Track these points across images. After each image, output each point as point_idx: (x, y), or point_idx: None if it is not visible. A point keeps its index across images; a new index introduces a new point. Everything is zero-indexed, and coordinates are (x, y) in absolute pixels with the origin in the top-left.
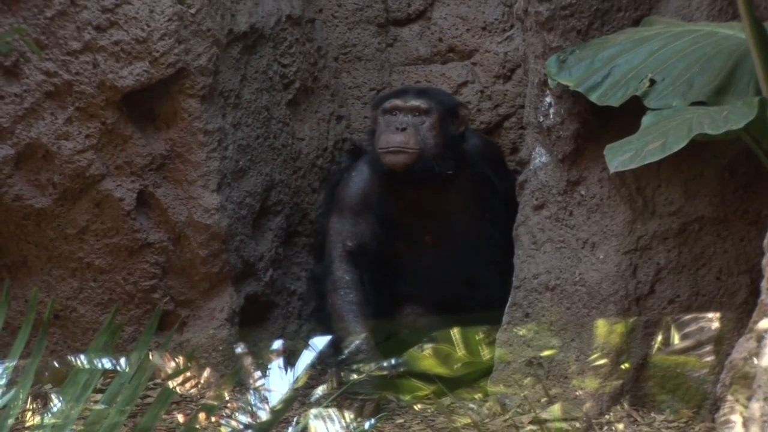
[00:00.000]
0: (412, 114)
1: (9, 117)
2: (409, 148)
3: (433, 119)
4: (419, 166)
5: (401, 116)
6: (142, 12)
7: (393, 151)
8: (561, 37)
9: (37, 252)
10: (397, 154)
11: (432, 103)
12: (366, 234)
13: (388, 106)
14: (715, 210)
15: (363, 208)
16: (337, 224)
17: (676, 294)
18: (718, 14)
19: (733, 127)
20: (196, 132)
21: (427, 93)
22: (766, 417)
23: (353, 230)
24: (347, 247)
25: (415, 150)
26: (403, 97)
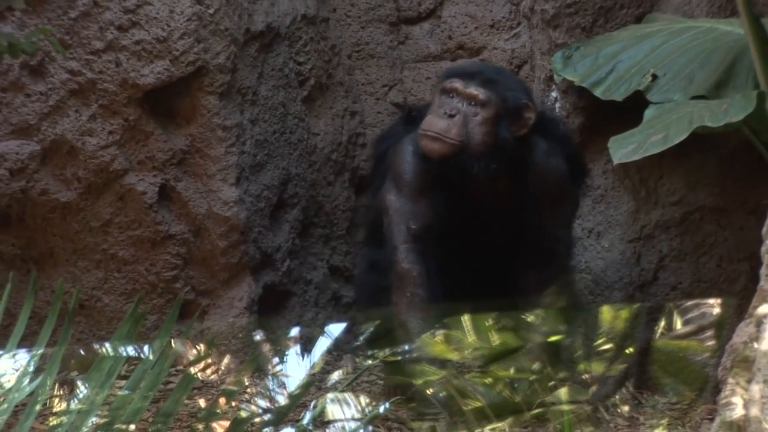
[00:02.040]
0: (468, 102)
1: (35, 114)
2: (448, 137)
3: (487, 114)
4: (456, 160)
5: (456, 101)
6: (163, 12)
7: (430, 137)
8: (566, 34)
9: (62, 244)
10: (434, 141)
11: (493, 96)
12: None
13: (447, 86)
14: (716, 200)
15: (423, 186)
16: (396, 202)
17: (678, 281)
18: (717, 11)
19: (732, 119)
20: (215, 128)
21: (494, 83)
22: (765, 399)
23: (415, 210)
24: (411, 230)
25: (455, 142)
26: (466, 80)
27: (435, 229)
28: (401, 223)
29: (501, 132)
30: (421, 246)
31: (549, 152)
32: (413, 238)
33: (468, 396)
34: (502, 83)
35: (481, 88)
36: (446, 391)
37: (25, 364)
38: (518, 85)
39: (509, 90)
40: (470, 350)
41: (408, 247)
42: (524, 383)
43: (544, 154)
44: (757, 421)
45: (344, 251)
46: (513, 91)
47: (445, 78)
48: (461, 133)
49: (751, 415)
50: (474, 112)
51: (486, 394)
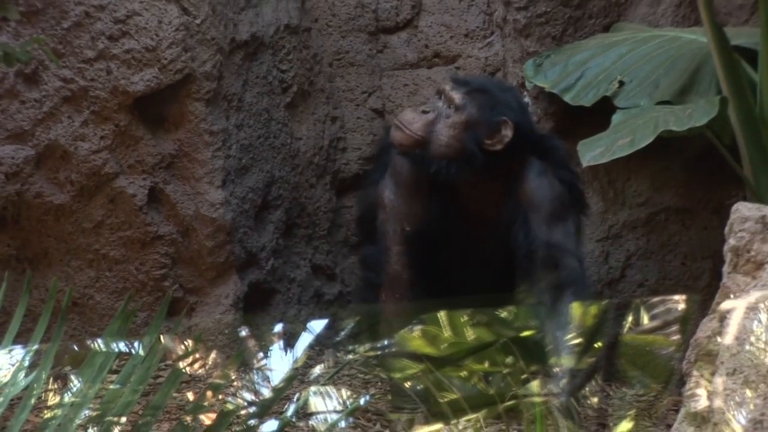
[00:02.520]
0: (447, 104)
1: (29, 120)
2: (409, 130)
3: (458, 118)
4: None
5: (440, 101)
6: (152, 23)
7: (396, 125)
8: (537, 42)
9: (56, 245)
10: (397, 130)
11: (470, 104)
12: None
13: (440, 87)
14: (681, 200)
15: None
16: (393, 201)
17: (644, 278)
18: (681, 20)
19: (696, 124)
20: (202, 133)
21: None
22: (728, 390)
23: (410, 211)
24: (405, 232)
25: (414, 135)
26: (456, 85)
27: (428, 232)
28: (395, 223)
29: (468, 140)
30: (413, 248)
31: (542, 172)
32: (406, 240)
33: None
34: (489, 96)
35: (462, 94)
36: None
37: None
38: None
39: (492, 104)
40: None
41: (400, 249)
42: (498, 376)
43: (536, 173)
44: (721, 412)
45: (326, 251)
46: (498, 106)
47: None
48: (425, 129)
49: (714, 406)
50: (448, 114)
51: (461, 386)
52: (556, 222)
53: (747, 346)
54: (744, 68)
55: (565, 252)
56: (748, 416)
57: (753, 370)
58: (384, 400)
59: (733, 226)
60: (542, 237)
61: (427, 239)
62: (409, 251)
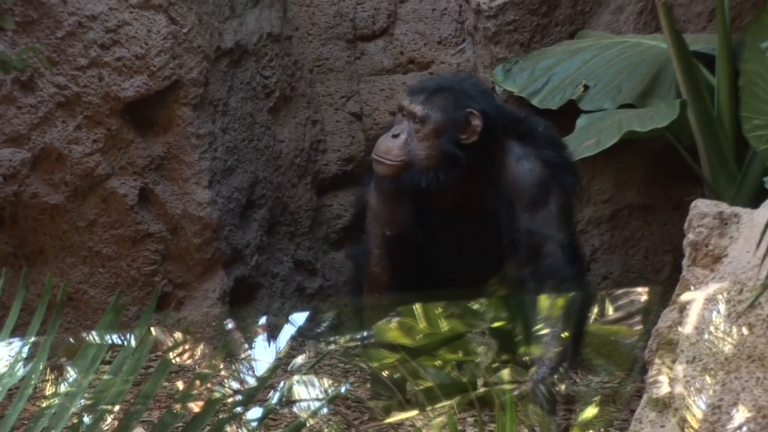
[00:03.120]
0: (411, 119)
1: (26, 125)
2: (389, 159)
3: (427, 129)
4: (405, 178)
5: (401, 119)
6: (141, 32)
7: (376, 160)
8: (506, 49)
9: (52, 242)
10: (379, 165)
11: (431, 111)
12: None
13: (398, 102)
14: (642, 198)
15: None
16: (376, 206)
17: (609, 271)
18: (643, 27)
19: (658, 125)
20: (190, 136)
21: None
22: (688, 377)
23: (391, 217)
24: (386, 236)
25: (396, 163)
26: (411, 97)
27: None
28: (377, 228)
29: (444, 145)
30: (394, 251)
31: (522, 156)
32: (387, 244)
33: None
34: (448, 95)
35: (421, 105)
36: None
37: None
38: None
39: (454, 101)
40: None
41: (381, 252)
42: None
43: (516, 158)
44: (681, 398)
45: (307, 247)
46: (459, 101)
47: (404, 93)
48: (403, 153)
49: (675, 392)
50: (416, 128)
51: (436, 375)
52: (538, 207)
53: (706, 336)
54: (702, 73)
55: (546, 239)
56: (707, 402)
57: (711, 358)
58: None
59: (692, 222)
60: (524, 224)
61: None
62: (389, 254)
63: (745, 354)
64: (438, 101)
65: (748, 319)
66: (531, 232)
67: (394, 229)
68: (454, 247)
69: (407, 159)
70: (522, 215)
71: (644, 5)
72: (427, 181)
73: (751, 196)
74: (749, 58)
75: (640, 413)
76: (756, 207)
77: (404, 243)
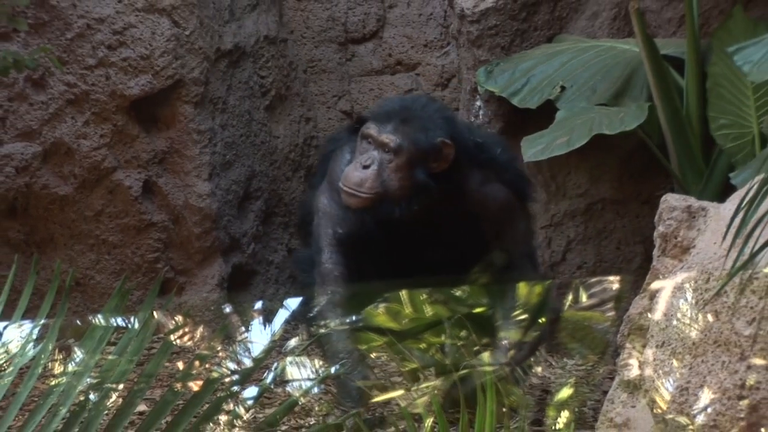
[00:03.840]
0: (382, 149)
1: (37, 121)
2: (362, 192)
3: (400, 160)
4: (377, 209)
5: (371, 148)
6: (146, 34)
7: (347, 192)
8: (488, 52)
9: (61, 231)
10: (351, 197)
11: (405, 141)
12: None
13: (365, 131)
14: (615, 192)
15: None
16: (328, 206)
17: (583, 261)
18: (616, 32)
19: (626, 128)
20: (191, 132)
21: (408, 125)
22: (657, 361)
23: (344, 216)
24: (337, 234)
25: (369, 195)
26: (380, 126)
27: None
28: (329, 226)
29: (417, 175)
30: (345, 249)
31: (483, 182)
32: (338, 241)
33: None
34: (416, 123)
35: (393, 135)
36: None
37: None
38: (437, 121)
39: (424, 129)
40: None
41: (332, 249)
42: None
43: (478, 184)
44: (651, 380)
45: None
46: (429, 129)
47: (367, 120)
48: (375, 185)
49: (645, 374)
50: (388, 159)
51: (420, 357)
52: (506, 228)
53: (674, 322)
54: (672, 75)
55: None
56: (675, 384)
57: (680, 343)
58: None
59: (662, 214)
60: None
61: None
62: (340, 251)
63: (711, 339)
64: (408, 131)
65: (715, 307)
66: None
67: (346, 228)
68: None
69: (381, 191)
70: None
71: (618, 12)
72: (400, 211)
73: (717, 191)
74: (716, 61)
75: (612, 394)
76: (722, 201)
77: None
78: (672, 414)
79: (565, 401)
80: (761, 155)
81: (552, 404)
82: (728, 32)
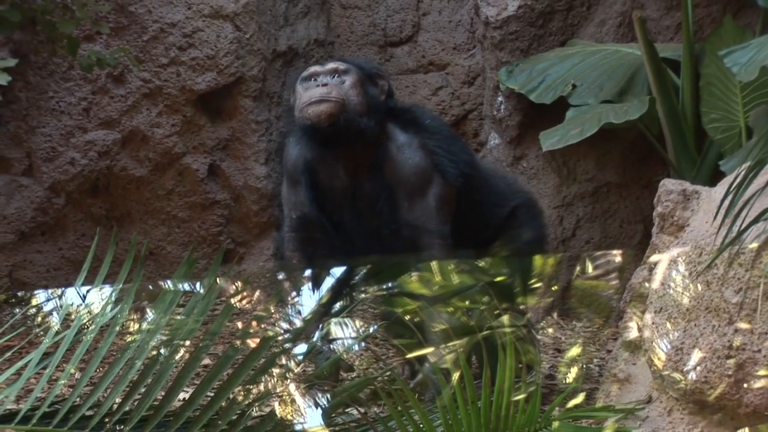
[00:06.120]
0: (331, 75)
1: (117, 111)
2: (332, 97)
3: (352, 78)
4: (344, 118)
5: (320, 80)
6: (212, 36)
7: (316, 101)
8: (509, 54)
9: (137, 207)
10: (320, 104)
11: (350, 65)
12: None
13: (306, 74)
14: (619, 177)
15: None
16: (286, 193)
17: (591, 237)
18: (621, 38)
19: (631, 117)
20: (250, 122)
21: (343, 58)
22: (655, 324)
23: (296, 200)
24: (293, 220)
25: (338, 100)
26: (321, 63)
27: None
28: (287, 214)
29: (370, 91)
30: (303, 234)
31: (404, 144)
32: (295, 227)
33: (435, 321)
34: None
35: (338, 61)
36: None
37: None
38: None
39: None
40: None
41: (291, 236)
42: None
43: (398, 145)
44: (649, 341)
45: None
46: (362, 61)
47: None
48: (341, 93)
49: (644, 336)
50: (340, 80)
51: (448, 319)
52: (416, 198)
53: (670, 290)
54: (669, 75)
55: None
56: (670, 344)
57: (675, 309)
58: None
59: (660, 197)
60: (403, 215)
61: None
62: (298, 237)
63: (703, 306)
64: (352, 60)
65: (706, 278)
66: (409, 224)
67: (298, 211)
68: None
69: (345, 100)
70: (402, 205)
71: (622, 20)
72: (365, 124)
73: (708, 177)
74: (708, 63)
75: (616, 353)
76: (713, 186)
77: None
78: (668, 371)
79: (574, 359)
80: (747, 146)
81: (563, 362)
82: (719, 38)
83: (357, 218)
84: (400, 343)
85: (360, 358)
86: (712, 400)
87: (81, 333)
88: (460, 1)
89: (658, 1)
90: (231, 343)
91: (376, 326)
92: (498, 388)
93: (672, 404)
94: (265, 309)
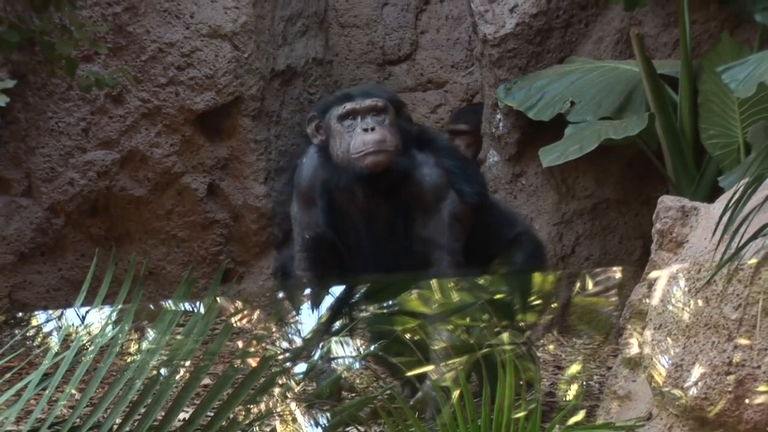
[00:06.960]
0: (371, 114)
1: (116, 131)
2: (388, 147)
3: (391, 116)
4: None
5: (364, 119)
6: (210, 56)
7: (373, 152)
8: (507, 71)
9: (136, 227)
10: (378, 154)
11: (385, 101)
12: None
13: (343, 111)
14: (618, 194)
15: (314, 197)
16: (297, 213)
17: (590, 254)
18: (619, 54)
19: (630, 133)
20: (249, 141)
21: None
22: (655, 341)
23: (309, 220)
24: (305, 240)
25: (394, 149)
26: (356, 99)
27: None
28: (299, 233)
29: (403, 126)
30: (316, 254)
31: (422, 163)
32: (307, 247)
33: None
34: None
35: (375, 98)
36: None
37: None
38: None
39: (390, 93)
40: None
41: (302, 255)
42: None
43: (416, 165)
44: (649, 358)
45: None
46: (389, 92)
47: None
48: (395, 139)
49: (644, 353)
50: (381, 119)
51: (448, 337)
52: (431, 214)
53: (670, 307)
54: (668, 92)
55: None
56: (670, 361)
57: (674, 325)
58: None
59: (659, 213)
60: (417, 230)
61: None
62: (309, 257)
63: (702, 322)
64: (380, 93)
65: (705, 294)
66: (421, 239)
67: (312, 231)
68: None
69: (397, 146)
70: (416, 221)
71: (620, 36)
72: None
73: (707, 193)
74: (706, 80)
75: (616, 370)
76: (712, 202)
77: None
78: (668, 387)
79: (575, 376)
80: (746, 162)
81: (563, 379)
82: (717, 54)
83: (372, 239)
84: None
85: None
86: (712, 416)
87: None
88: (458, 20)
89: (655, 18)
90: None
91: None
92: (498, 406)
93: (672, 421)
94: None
